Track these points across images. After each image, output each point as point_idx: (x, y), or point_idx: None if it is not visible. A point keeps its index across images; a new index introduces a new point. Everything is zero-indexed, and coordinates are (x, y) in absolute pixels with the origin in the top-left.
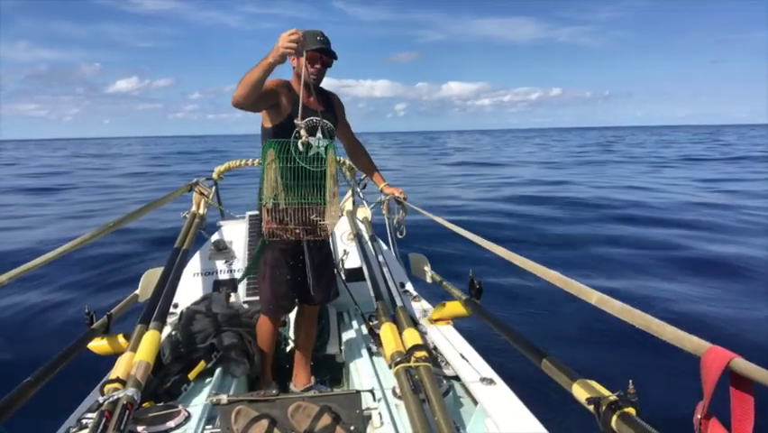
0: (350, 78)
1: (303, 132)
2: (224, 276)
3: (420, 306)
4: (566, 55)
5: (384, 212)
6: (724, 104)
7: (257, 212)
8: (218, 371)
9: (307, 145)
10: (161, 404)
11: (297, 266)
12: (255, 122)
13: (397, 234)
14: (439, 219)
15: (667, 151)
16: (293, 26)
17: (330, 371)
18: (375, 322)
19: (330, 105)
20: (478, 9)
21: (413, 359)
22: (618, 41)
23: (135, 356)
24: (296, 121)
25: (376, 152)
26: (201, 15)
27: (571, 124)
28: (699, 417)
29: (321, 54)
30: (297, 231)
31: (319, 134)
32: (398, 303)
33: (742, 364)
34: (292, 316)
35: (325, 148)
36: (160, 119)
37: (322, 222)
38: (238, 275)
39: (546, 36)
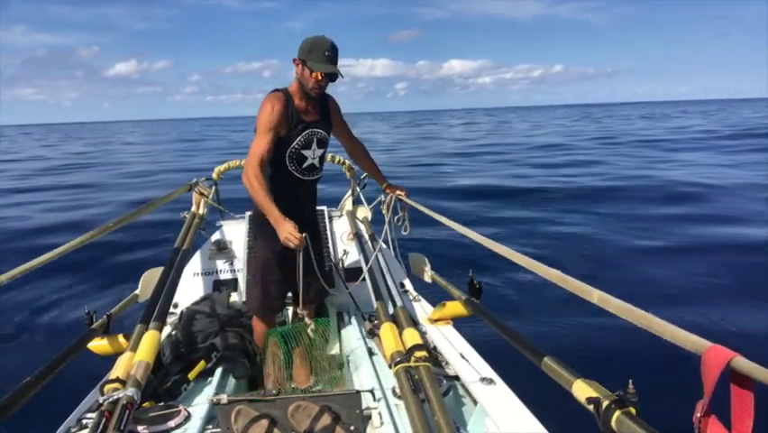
0: (349, 58)
1: (307, 320)
2: (224, 276)
3: (420, 306)
4: (568, 32)
5: (384, 211)
6: (729, 78)
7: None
8: (218, 371)
9: (301, 158)
10: (161, 404)
11: (289, 266)
12: (254, 104)
13: (403, 230)
14: (440, 217)
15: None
16: (294, 7)
17: (329, 370)
18: (375, 322)
19: (325, 111)
20: None
21: (413, 359)
22: (620, 17)
23: (135, 356)
24: (298, 310)
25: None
26: None
27: (572, 101)
28: (698, 415)
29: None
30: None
31: (314, 146)
32: (398, 303)
33: (743, 363)
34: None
35: (329, 328)
36: (160, 102)
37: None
38: (238, 275)
39: (548, 12)
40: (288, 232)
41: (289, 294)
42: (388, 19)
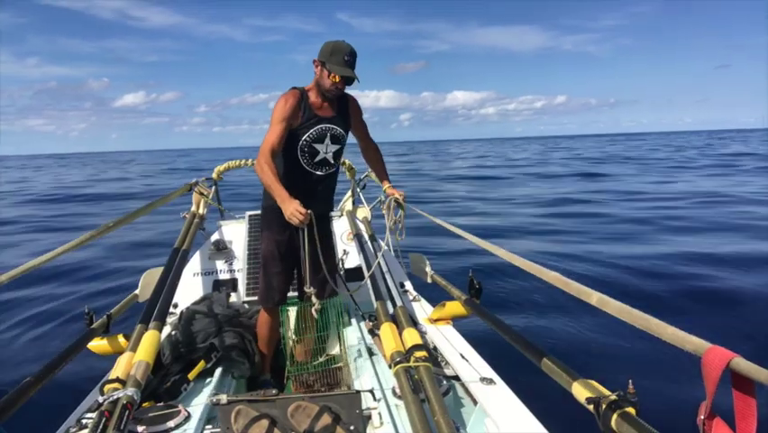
0: (355, 90)
1: (314, 299)
2: (223, 276)
3: (420, 306)
4: (571, 63)
5: (384, 211)
6: (731, 108)
7: (256, 212)
8: (218, 371)
9: (313, 151)
10: (161, 404)
11: (291, 258)
12: (260, 134)
13: (397, 235)
14: (438, 220)
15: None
16: (298, 39)
17: (330, 369)
18: (375, 322)
19: (344, 110)
20: (482, 18)
21: (413, 359)
22: (623, 48)
23: (135, 356)
24: (305, 288)
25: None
26: (207, 29)
27: (575, 131)
28: (702, 417)
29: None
30: (324, 390)
31: (327, 141)
32: (398, 303)
33: (742, 364)
34: (292, 316)
35: (335, 304)
36: (167, 132)
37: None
38: (238, 275)
39: (551, 44)
40: (293, 208)
41: (294, 294)
42: (394, 51)
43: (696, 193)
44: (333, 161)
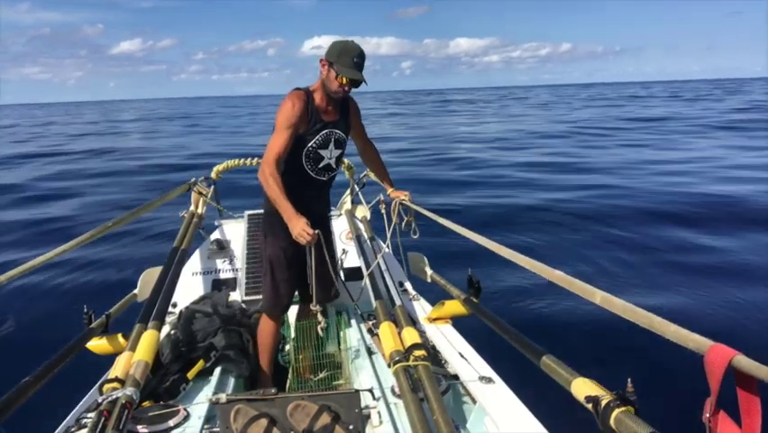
0: (356, 36)
1: (320, 317)
2: (222, 275)
3: (419, 305)
4: (577, 8)
5: (392, 215)
6: (742, 58)
7: (256, 211)
8: (217, 370)
9: (318, 157)
10: (160, 403)
11: (298, 265)
12: (260, 83)
13: (412, 233)
14: (441, 219)
15: None
16: None
17: (329, 370)
18: (374, 321)
19: (346, 113)
20: None
21: (412, 358)
22: None
23: (134, 356)
24: (312, 307)
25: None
26: None
27: (579, 80)
28: (707, 415)
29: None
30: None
31: (331, 146)
32: (397, 302)
33: (744, 362)
34: (292, 316)
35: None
36: (165, 81)
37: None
38: (237, 274)
39: None
40: (300, 228)
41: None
42: None
43: None
44: (335, 166)
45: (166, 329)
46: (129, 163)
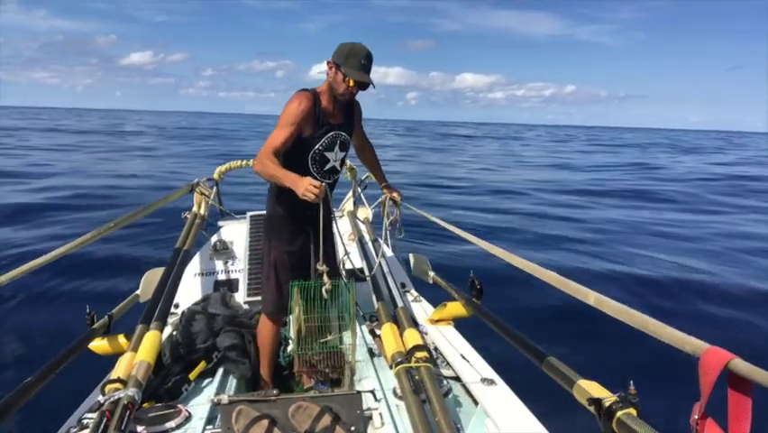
0: None
1: (326, 278)
2: (224, 276)
3: (421, 306)
4: (583, 53)
5: (382, 209)
6: (740, 111)
7: (258, 212)
8: (219, 371)
9: (324, 160)
10: (162, 404)
11: (301, 268)
12: (266, 103)
13: (396, 233)
14: (437, 220)
15: None
16: (309, 8)
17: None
18: (376, 322)
19: (350, 114)
20: (496, 0)
21: (413, 360)
22: (637, 42)
23: (136, 356)
24: (318, 266)
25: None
26: None
27: (581, 122)
28: (695, 417)
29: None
30: (327, 370)
31: (336, 148)
32: (399, 304)
33: (741, 365)
34: (292, 316)
35: (348, 287)
36: (172, 94)
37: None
38: (239, 275)
39: (564, 33)
40: (306, 184)
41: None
42: (405, 27)
43: None
44: (339, 168)
45: (168, 330)
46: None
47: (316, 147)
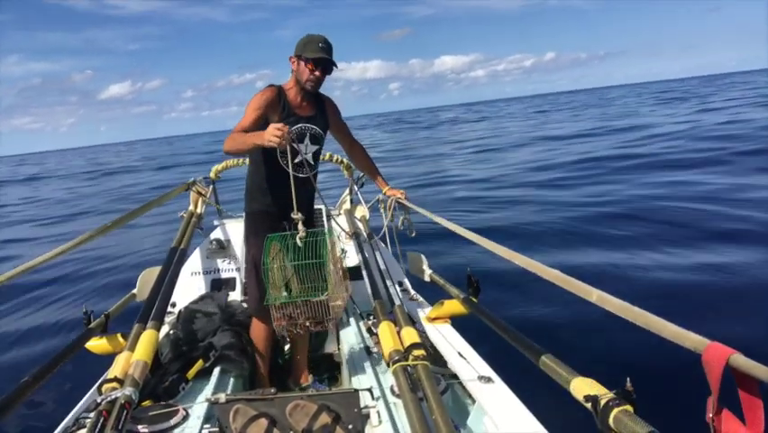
0: (341, 61)
1: (300, 226)
2: (221, 275)
3: (418, 304)
4: (558, 19)
5: (387, 213)
6: (722, 52)
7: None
8: (216, 370)
9: (294, 153)
10: (160, 403)
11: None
12: None
13: (408, 233)
14: (438, 219)
15: None
16: (281, 15)
17: (328, 370)
18: (373, 321)
19: (322, 110)
20: None
21: (411, 358)
22: None
23: (133, 356)
24: (292, 215)
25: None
26: (187, 12)
27: (566, 87)
28: (710, 415)
29: (320, 64)
30: (308, 324)
31: (307, 141)
32: (396, 302)
33: (741, 361)
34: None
35: (325, 233)
36: (156, 120)
37: (330, 310)
38: (236, 274)
39: (536, 2)
40: (269, 130)
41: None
42: (378, 19)
43: None
44: (312, 162)
45: (165, 329)
46: None
47: None
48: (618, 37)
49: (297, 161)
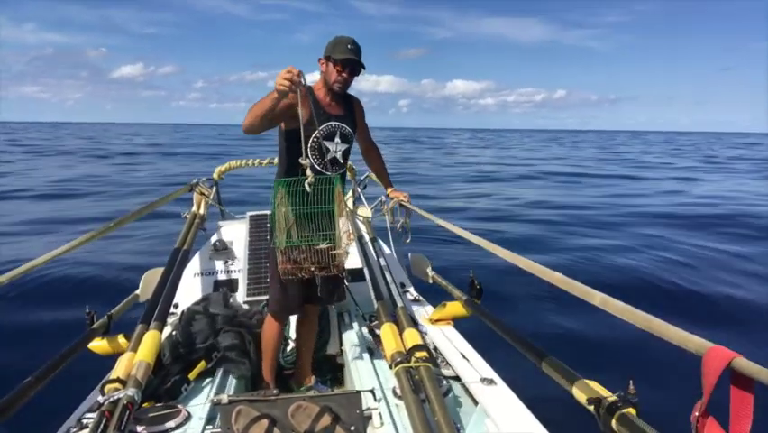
0: None
1: (309, 172)
2: (224, 276)
3: (420, 306)
4: (572, 57)
5: (388, 215)
6: (731, 112)
7: (257, 212)
8: (219, 371)
9: (324, 149)
10: (162, 404)
11: None
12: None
13: (404, 239)
14: (442, 222)
15: None
16: (300, 19)
17: (330, 371)
18: (375, 322)
19: (350, 110)
20: (486, 8)
21: (413, 359)
22: (624, 45)
23: (136, 356)
24: (300, 160)
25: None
26: (208, 3)
27: (573, 126)
28: (696, 414)
29: (348, 65)
30: (312, 269)
31: (337, 139)
32: (399, 303)
33: (744, 364)
34: (293, 315)
35: (333, 182)
36: (163, 106)
37: (335, 257)
38: (238, 275)
39: (553, 38)
40: (277, 77)
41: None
42: (396, 36)
43: None
44: (342, 161)
45: (167, 330)
46: None
47: (315, 135)
48: (629, 84)
49: (327, 159)
